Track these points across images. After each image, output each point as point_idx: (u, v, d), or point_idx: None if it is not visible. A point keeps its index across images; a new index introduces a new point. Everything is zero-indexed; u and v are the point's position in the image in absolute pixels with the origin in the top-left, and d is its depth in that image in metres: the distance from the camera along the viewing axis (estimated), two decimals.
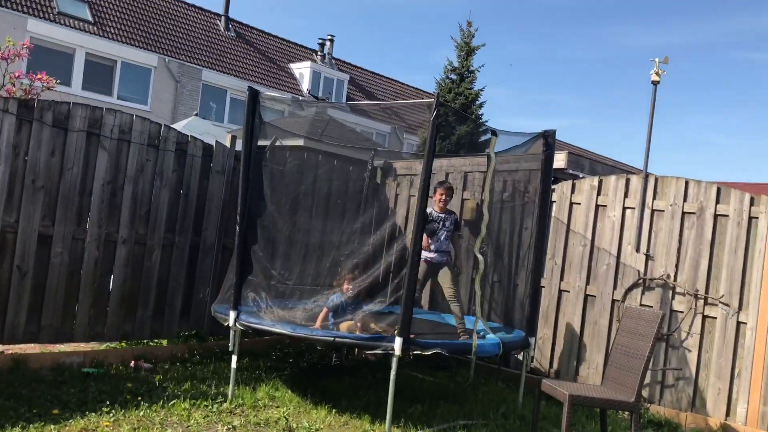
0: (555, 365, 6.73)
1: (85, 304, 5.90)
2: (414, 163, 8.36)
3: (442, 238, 6.54)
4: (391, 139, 29.10)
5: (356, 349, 6.48)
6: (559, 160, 7.13)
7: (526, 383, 6.05)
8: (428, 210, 6.64)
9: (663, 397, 6.04)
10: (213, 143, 6.97)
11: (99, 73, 21.14)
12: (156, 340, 6.57)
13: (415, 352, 4.78)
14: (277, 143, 8.91)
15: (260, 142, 9.23)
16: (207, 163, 6.78)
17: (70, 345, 5.99)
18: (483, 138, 20.14)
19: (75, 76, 20.65)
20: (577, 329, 6.59)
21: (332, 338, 4.79)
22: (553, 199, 6.94)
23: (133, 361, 6.10)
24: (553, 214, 6.92)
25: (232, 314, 5.21)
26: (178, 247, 6.56)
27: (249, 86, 5.38)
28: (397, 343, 4.69)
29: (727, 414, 5.69)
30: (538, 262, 5.76)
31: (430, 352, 4.80)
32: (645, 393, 6.01)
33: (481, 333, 5.53)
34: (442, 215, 6.65)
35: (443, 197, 6.65)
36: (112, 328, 6.11)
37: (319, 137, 9.63)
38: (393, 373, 4.72)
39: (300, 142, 9.68)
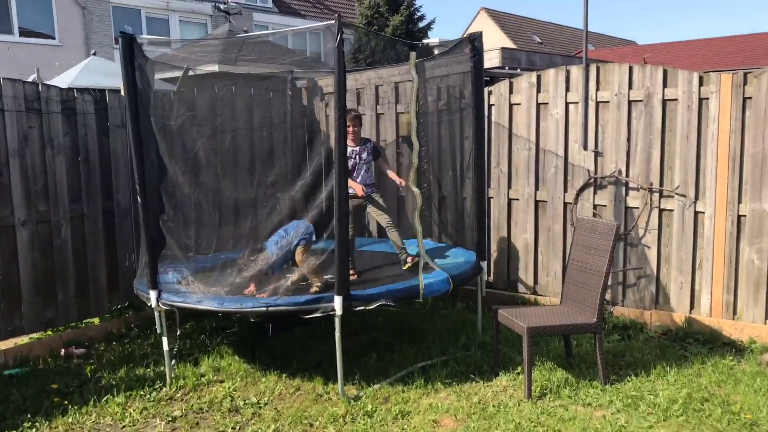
0: (512, 277, 6.44)
1: None
2: None
3: (362, 172, 6.05)
4: (326, 37, 27.58)
5: None
6: (493, 58, 6.52)
7: (485, 302, 5.74)
8: None
9: (626, 298, 5.82)
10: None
11: None
12: (87, 321, 6.05)
13: (358, 308, 4.37)
14: (190, 73, 8.06)
15: (165, 75, 8.39)
16: (103, 119, 5.99)
17: None
18: (422, 23, 19.10)
19: None
20: (531, 238, 6.25)
21: (264, 308, 4.32)
22: (491, 102, 6.39)
23: (63, 349, 5.61)
24: (493, 119, 6.39)
25: (153, 294, 4.68)
26: (89, 218, 5.90)
27: (121, 32, 4.55)
28: (337, 303, 4.26)
29: (692, 307, 5.50)
30: (480, 177, 5.28)
31: (374, 306, 4.39)
32: (607, 296, 5.78)
33: (429, 265, 5.12)
34: (356, 148, 6.08)
35: (351, 129, 6.02)
36: (32, 319, 5.55)
37: (234, 62, 8.72)
38: (338, 334, 4.32)
39: (214, 68, 8.79)
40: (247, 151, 7.04)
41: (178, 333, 5.79)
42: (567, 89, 5.91)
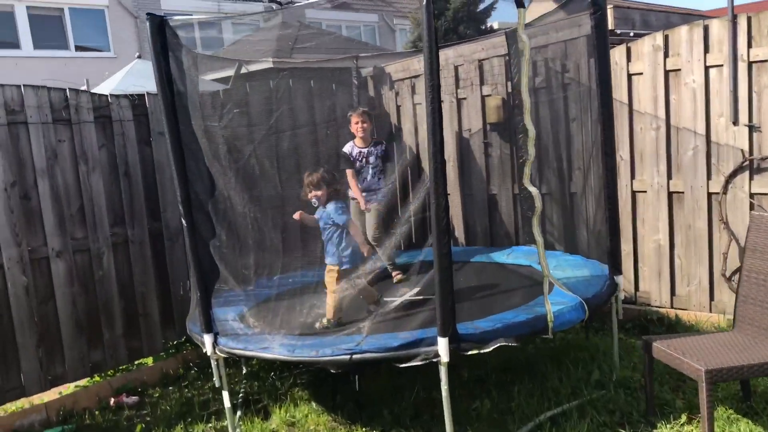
0: (640, 287, 5.23)
1: (27, 345, 4.50)
2: (411, 61, 6.56)
3: (368, 177, 5.36)
4: (382, 30, 26.57)
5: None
6: None
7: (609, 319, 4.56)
8: (346, 148, 5.42)
9: None
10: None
11: (48, 27, 18.96)
12: (139, 361, 5.22)
13: (471, 352, 3.30)
14: (243, 70, 7.20)
15: (215, 75, 7.52)
16: (144, 126, 5.13)
17: (24, 400, 4.65)
18: (483, 5, 17.79)
19: (22, 36, 18.52)
20: (665, 239, 5.03)
21: (347, 357, 3.31)
22: None
23: (112, 399, 4.78)
24: None
25: (207, 339, 3.75)
26: (135, 242, 5.05)
27: (148, 14, 3.62)
28: (442, 347, 3.20)
29: None
30: (611, 168, 4.11)
31: (491, 348, 3.32)
32: None
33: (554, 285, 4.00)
34: (364, 149, 5.37)
35: (360, 126, 5.33)
36: (75, 364, 4.74)
37: (290, 53, 7.80)
38: (444, 387, 3.26)
39: (268, 63, 7.89)
40: (310, 154, 6.06)
41: (243, 372, 4.89)
42: (706, 50, 4.66)
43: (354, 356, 3.32)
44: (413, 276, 4.98)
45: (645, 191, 5.10)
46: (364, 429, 3.92)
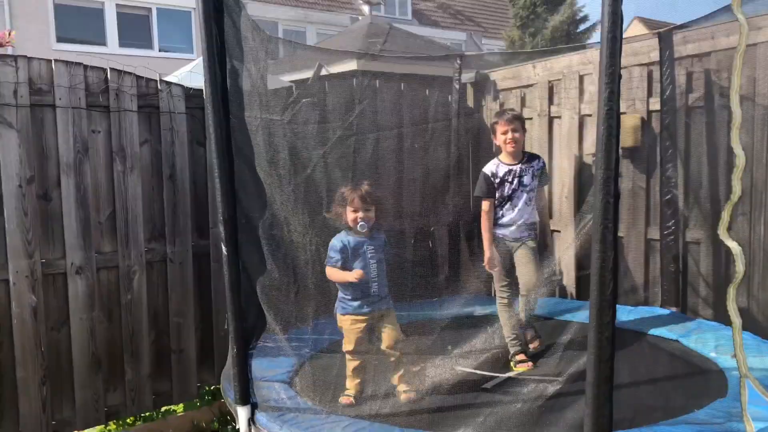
0: None
1: (29, 382, 3.61)
2: (524, 67, 5.43)
3: (519, 204, 3.85)
4: (468, 49, 25.55)
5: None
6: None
7: None
8: (488, 168, 3.92)
9: None
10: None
11: (134, 26, 18.90)
12: (166, 408, 4.26)
13: None
14: (323, 72, 6.24)
15: (290, 77, 6.60)
16: (199, 123, 4.21)
17: None
18: (584, 26, 16.48)
19: (109, 34, 18.51)
20: None
21: None
22: None
23: None
24: None
25: (242, 414, 2.72)
26: (175, 262, 4.11)
27: None
28: None
29: None
30: None
31: None
32: None
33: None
34: (515, 167, 3.87)
35: (511, 135, 3.83)
36: (87, 408, 3.82)
37: (378, 53, 6.81)
38: None
39: (352, 66, 6.93)
40: (408, 163, 5.01)
41: None
42: None
43: None
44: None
45: None
46: None
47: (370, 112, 4.83)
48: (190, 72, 7.60)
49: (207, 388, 4.34)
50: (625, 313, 4.27)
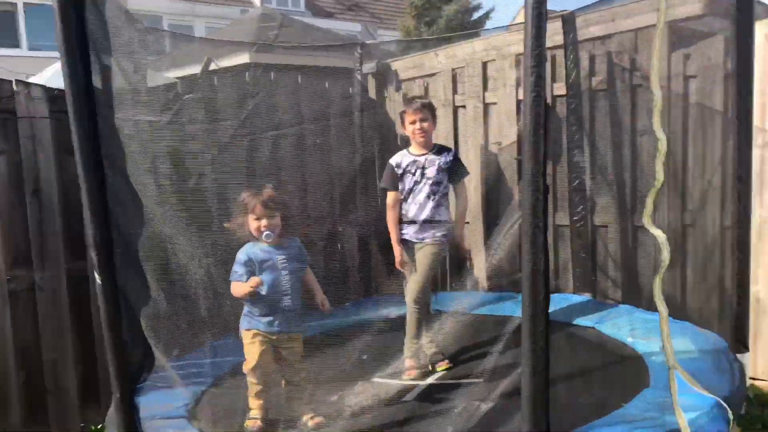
0: (760, 364, 3.88)
1: None
2: (427, 56, 5.21)
3: (421, 198, 3.56)
4: (364, 40, 25.32)
5: None
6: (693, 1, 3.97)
7: None
8: (394, 159, 3.66)
9: None
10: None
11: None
12: None
13: None
14: (213, 66, 5.78)
15: (175, 73, 6.09)
16: (66, 128, 3.66)
17: None
18: (477, 14, 16.60)
19: None
20: (767, 290, 3.73)
21: None
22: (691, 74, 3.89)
23: None
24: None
25: None
26: (45, 290, 3.58)
27: None
28: None
29: None
30: (744, 197, 2.80)
31: None
32: None
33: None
34: (421, 157, 3.60)
35: (419, 125, 3.55)
36: None
37: (272, 49, 6.42)
38: None
39: (244, 59, 6.49)
40: (296, 173, 4.66)
41: None
42: None
43: None
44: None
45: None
46: None
47: (267, 109, 4.45)
48: (59, 71, 6.86)
49: (93, 428, 3.83)
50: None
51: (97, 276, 2.33)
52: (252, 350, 2.89)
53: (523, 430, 1.80)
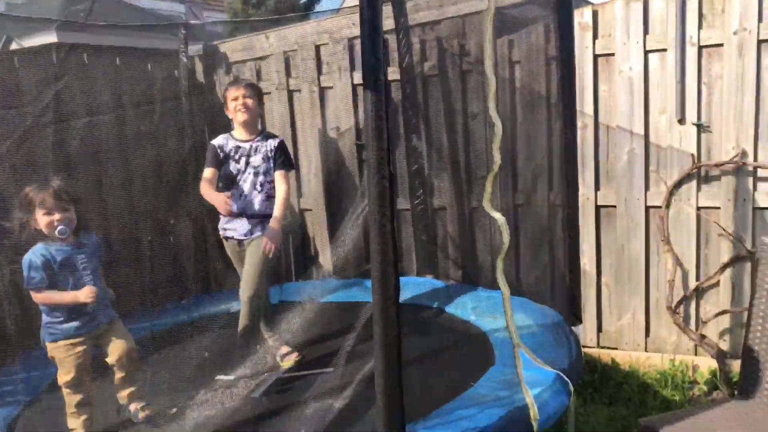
0: None
1: None
2: (257, 38, 5.03)
3: (246, 188, 3.42)
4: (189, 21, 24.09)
5: None
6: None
7: None
8: (216, 140, 3.51)
9: None
10: None
11: None
12: None
13: None
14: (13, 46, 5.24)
15: None
16: None
17: None
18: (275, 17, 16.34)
19: None
20: (591, 263, 4.09)
21: None
22: (516, 60, 4.12)
23: None
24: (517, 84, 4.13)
25: None
26: None
27: None
28: None
29: None
30: (572, 178, 3.02)
31: None
32: None
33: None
34: (245, 144, 3.46)
35: (242, 101, 3.39)
36: None
37: (84, 22, 5.86)
38: None
39: (51, 38, 5.86)
40: (116, 163, 4.29)
41: None
42: (645, 30, 3.77)
43: None
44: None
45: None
46: None
47: (78, 93, 4.04)
48: None
49: None
50: None
51: None
52: (64, 361, 2.67)
53: (378, 424, 1.79)
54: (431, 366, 3.08)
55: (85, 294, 2.60)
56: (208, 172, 3.42)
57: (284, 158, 3.49)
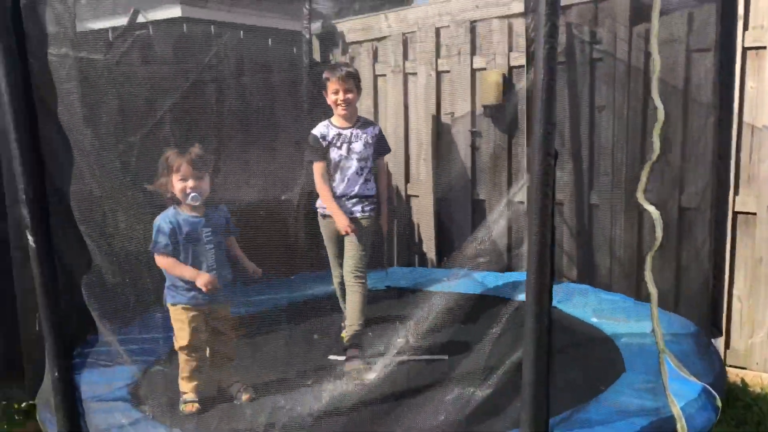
0: None
1: None
2: (376, 17, 4.99)
3: (349, 174, 3.45)
4: None
5: None
6: None
7: None
8: (317, 130, 3.49)
9: None
10: None
11: None
12: None
13: None
14: (140, 19, 5.35)
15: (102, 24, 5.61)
16: None
17: None
18: None
19: None
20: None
21: None
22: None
23: None
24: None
25: None
26: None
27: None
28: None
29: None
30: (723, 177, 2.79)
31: None
32: None
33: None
34: (346, 131, 3.47)
35: (343, 96, 3.39)
36: None
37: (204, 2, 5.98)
38: None
39: (176, 11, 6.03)
40: (238, 136, 4.37)
41: None
42: None
43: None
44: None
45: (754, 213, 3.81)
46: None
47: (208, 65, 4.13)
48: None
49: (16, 406, 3.47)
50: (495, 280, 4.09)
51: (30, 237, 2.02)
52: (182, 326, 2.71)
53: (523, 417, 1.68)
54: (556, 365, 2.94)
55: (203, 280, 2.64)
56: (319, 167, 3.46)
57: (384, 144, 3.61)
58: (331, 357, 3.19)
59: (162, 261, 2.68)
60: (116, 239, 2.47)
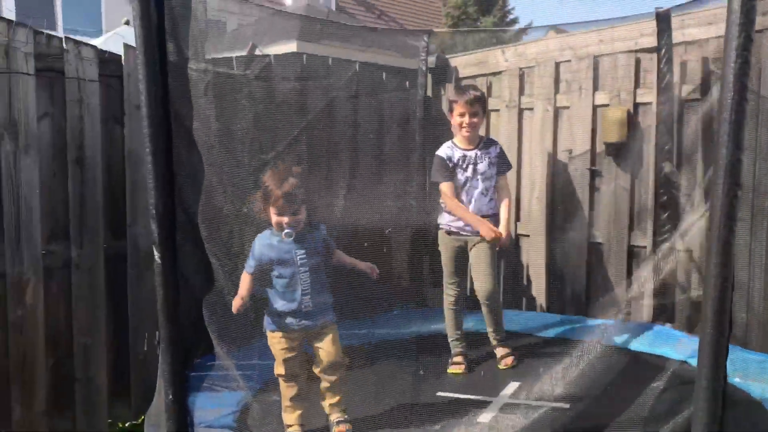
0: None
1: None
2: (492, 52, 4.88)
3: (475, 194, 3.48)
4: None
5: None
6: None
7: None
8: (442, 152, 3.53)
9: None
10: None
11: (35, 5, 17.22)
12: None
13: None
14: (257, 52, 5.51)
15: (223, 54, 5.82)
16: (116, 94, 3.39)
17: None
18: (514, 28, 16.28)
19: (6, 13, 16.77)
20: None
21: None
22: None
23: None
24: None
25: None
26: (82, 268, 3.26)
27: None
28: None
29: None
30: None
31: None
32: None
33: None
34: (470, 152, 3.49)
35: (468, 120, 3.42)
36: None
37: (318, 36, 6.14)
38: None
39: (291, 47, 6.20)
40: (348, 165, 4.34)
41: None
42: None
43: None
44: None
45: None
46: None
47: (321, 99, 4.14)
48: (105, 41, 6.62)
49: (121, 425, 3.49)
50: (614, 330, 3.79)
51: (156, 253, 2.00)
52: (278, 353, 2.65)
53: None
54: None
55: (236, 301, 2.53)
56: (446, 187, 3.49)
57: (506, 161, 3.65)
58: (440, 394, 3.03)
59: (242, 280, 2.61)
60: (240, 259, 2.42)
